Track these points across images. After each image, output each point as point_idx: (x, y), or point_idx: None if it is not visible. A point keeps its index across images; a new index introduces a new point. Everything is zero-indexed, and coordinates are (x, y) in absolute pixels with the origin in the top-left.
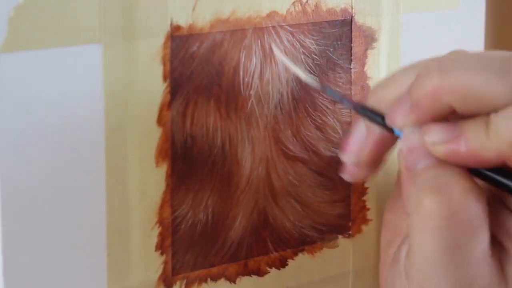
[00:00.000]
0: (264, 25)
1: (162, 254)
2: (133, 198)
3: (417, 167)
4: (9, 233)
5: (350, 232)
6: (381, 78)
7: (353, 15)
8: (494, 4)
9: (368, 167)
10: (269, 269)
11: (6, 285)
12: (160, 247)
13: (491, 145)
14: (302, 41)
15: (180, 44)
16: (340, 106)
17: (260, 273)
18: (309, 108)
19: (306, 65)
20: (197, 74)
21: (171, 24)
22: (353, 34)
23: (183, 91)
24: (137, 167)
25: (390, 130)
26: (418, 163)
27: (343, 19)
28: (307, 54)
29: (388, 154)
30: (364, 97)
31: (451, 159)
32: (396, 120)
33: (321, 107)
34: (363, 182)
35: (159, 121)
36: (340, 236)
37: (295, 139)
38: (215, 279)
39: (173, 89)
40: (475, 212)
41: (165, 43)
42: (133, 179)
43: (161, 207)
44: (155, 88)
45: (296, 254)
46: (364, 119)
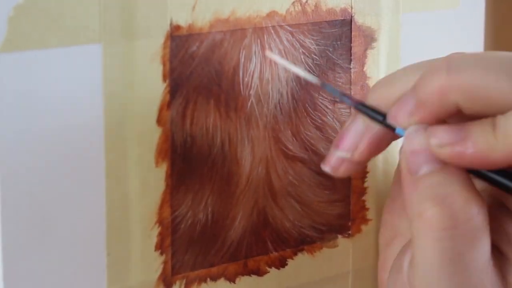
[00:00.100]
0: (264, 25)
1: (161, 254)
2: (133, 198)
3: (420, 172)
4: (9, 233)
5: (350, 232)
6: (382, 77)
7: (352, 15)
8: (493, 4)
9: (357, 165)
10: (268, 269)
11: (6, 285)
12: (160, 247)
13: (498, 147)
14: (301, 41)
15: (179, 44)
16: (340, 106)
17: (260, 273)
18: (309, 108)
19: (306, 65)
20: (197, 74)
21: (171, 24)
22: (352, 34)
23: (182, 91)
24: (137, 167)
25: (392, 128)
26: (421, 167)
27: (342, 19)
28: (306, 54)
29: (379, 154)
30: (364, 96)
31: (456, 161)
32: (399, 118)
33: (321, 107)
34: (363, 182)
35: (159, 121)
36: (339, 236)
37: (294, 139)
38: (214, 279)
39: (172, 89)
40: (477, 222)
41: (165, 43)
42: (133, 179)
43: (161, 207)
44: (155, 88)
45: (295, 254)
46: (364, 117)
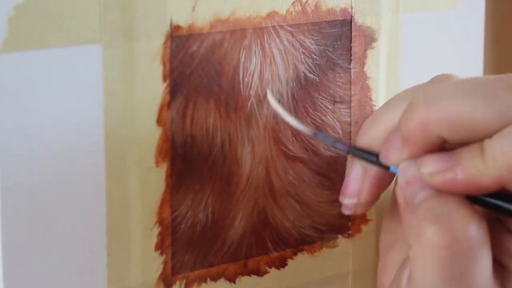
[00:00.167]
0: (264, 25)
1: (161, 254)
2: (133, 198)
3: (416, 199)
4: (9, 233)
5: (350, 232)
6: (368, 117)
7: (352, 15)
8: (493, 4)
9: (369, 205)
10: (268, 269)
11: (6, 285)
12: (160, 247)
13: (488, 171)
14: (302, 41)
15: (180, 44)
16: (340, 106)
17: (260, 273)
18: (309, 108)
19: (306, 65)
20: (197, 74)
21: (171, 24)
22: (352, 34)
23: (182, 91)
24: (137, 167)
25: (386, 167)
26: (416, 195)
27: (342, 19)
28: (307, 54)
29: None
30: (364, 97)
31: (448, 188)
32: (390, 157)
33: (321, 107)
34: None
35: (159, 121)
36: (339, 236)
37: (294, 139)
38: (214, 279)
39: (172, 89)
40: (476, 239)
41: (165, 43)
42: (133, 179)
43: (161, 207)
44: (155, 88)
45: (295, 254)
46: (359, 160)
